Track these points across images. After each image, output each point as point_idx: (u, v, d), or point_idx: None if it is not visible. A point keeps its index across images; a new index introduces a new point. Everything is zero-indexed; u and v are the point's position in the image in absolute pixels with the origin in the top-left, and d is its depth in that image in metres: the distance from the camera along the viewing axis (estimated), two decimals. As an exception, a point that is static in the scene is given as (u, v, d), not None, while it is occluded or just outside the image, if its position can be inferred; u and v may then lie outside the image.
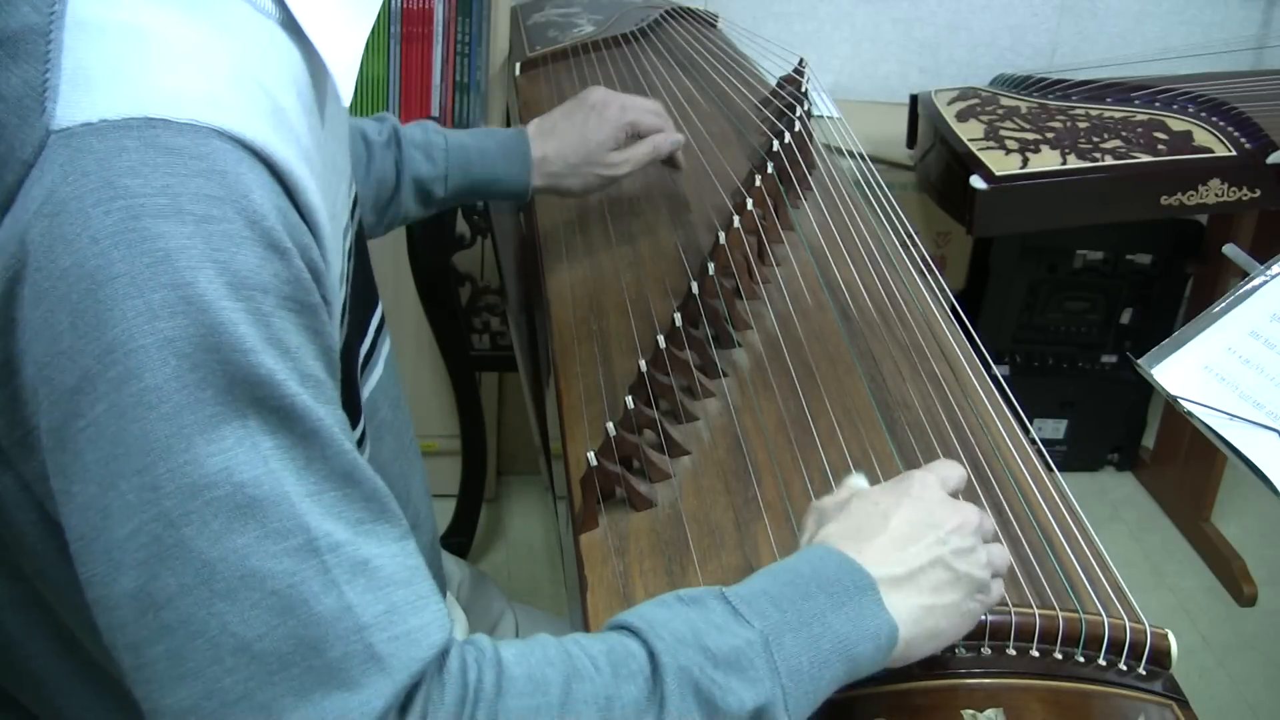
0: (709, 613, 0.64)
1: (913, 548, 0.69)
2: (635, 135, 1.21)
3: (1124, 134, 1.86)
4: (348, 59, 0.66)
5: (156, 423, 0.52)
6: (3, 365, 0.54)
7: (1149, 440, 2.47)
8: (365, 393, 0.86)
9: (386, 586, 0.56)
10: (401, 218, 1.15)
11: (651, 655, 0.61)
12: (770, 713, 0.62)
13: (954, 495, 0.75)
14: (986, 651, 0.75)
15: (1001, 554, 0.75)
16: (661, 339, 0.99)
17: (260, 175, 0.56)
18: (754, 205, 1.14)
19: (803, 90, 1.43)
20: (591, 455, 0.89)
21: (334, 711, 0.54)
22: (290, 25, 0.63)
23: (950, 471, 0.76)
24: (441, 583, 1.06)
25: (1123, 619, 0.77)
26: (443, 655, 0.58)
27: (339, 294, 0.70)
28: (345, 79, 0.66)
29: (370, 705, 0.55)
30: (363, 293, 0.85)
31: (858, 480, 0.77)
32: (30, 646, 0.68)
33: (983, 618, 0.74)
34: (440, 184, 1.14)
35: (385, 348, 0.92)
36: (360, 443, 0.82)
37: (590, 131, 1.18)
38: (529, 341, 1.34)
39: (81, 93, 0.53)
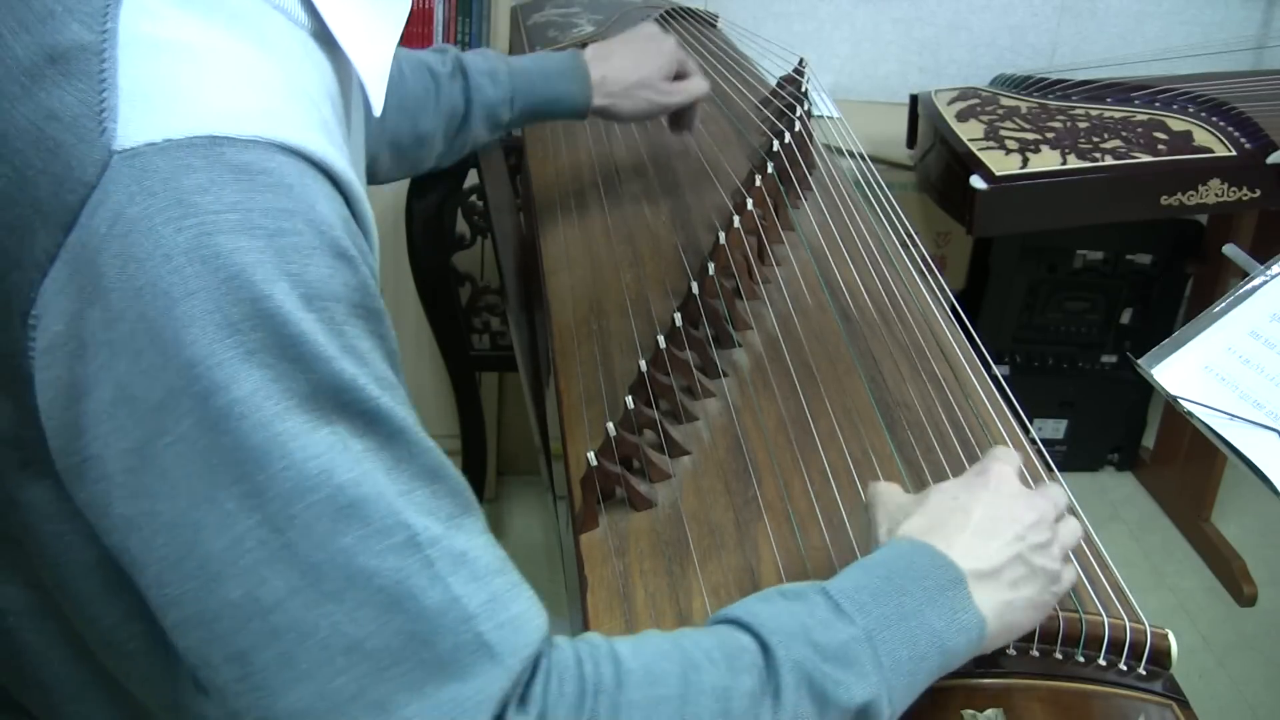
0: (812, 608, 0.65)
1: (994, 542, 0.71)
2: (680, 75, 1.27)
3: (1124, 134, 1.86)
4: (379, 68, 0.66)
5: (249, 432, 0.52)
6: (70, 388, 0.54)
7: (1149, 440, 2.47)
8: None
9: (485, 576, 0.57)
10: (470, 144, 1.20)
11: (764, 648, 0.62)
12: (876, 707, 0.63)
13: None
14: (987, 651, 0.75)
15: (1072, 531, 0.76)
16: (661, 339, 0.99)
17: (323, 186, 0.56)
18: (754, 205, 1.14)
19: (803, 90, 1.43)
20: (591, 455, 0.89)
21: (449, 702, 0.55)
22: (321, 36, 0.64)
23: (1016, 462, 0.78)
24: None
25: (1123, 619, 0.77)
26: (547, 644, 0.59)
27: None
28: (377, 88, 0.67)
29: (485, 693, 0.55)
30: None
31: (883, 486, 0.79)
32: (44, 654, 0.68)
33: None
34: (506, 106, 1.19)
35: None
36: None
37: (648, 58, 1.24)
38: (529, 341, 1.34)
39: (142, 112, 0.53)
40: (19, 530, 0.62)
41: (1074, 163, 1.80)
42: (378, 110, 0.67)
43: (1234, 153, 1.81)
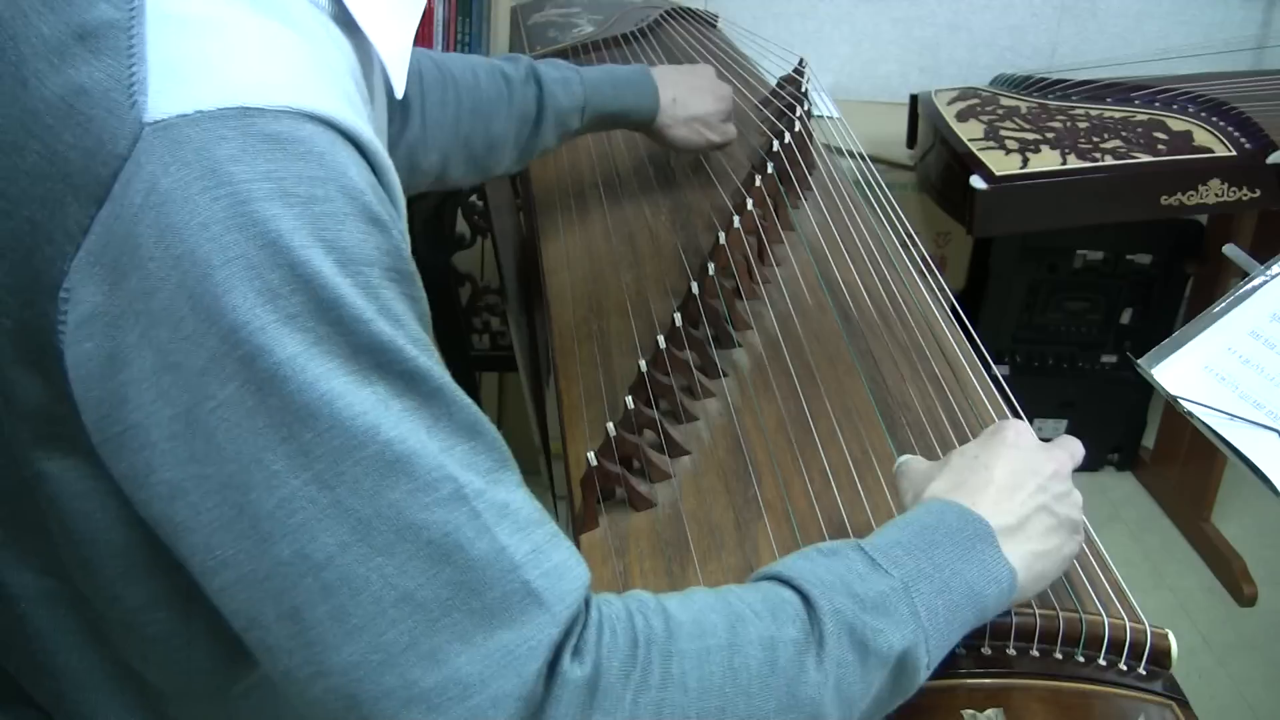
0: (850, 562, 0.67)
1: (1019, 495, 0.74)
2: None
3: (1124, 134, 1.86)
4: (400, 51, 0.68)
5: (294, 393, 0.53)
6: (110, 358, 0.55)
7: (1149, 440, 2.47)
8: None
9: (527, 526, 0.59)
10: (540, 150, 1.22)
11: (806, 600, 0.64)
12: (914, 654, 0.65)
13: None
14: (986, 651, 0.75)
15: (1075, 447, 0.80)
16: (661, 339, 0.99)
17: (352, 154, 0.57)
18: (754, 205, 1.14)
19: (803, 90, 1.43)
20: (591, 455, 0.89)
21: (500, 649, 0.56)
22: (342, 19, 0.65)
23: (1027, 426, 0.80)
24: None
25: (1123, 619, 0.77)
26: (597, 597, 0.61)
27: None
28: (398, 71, 0.68)
29: (535, 639, 0.56)
30: None
31: (908, 458, 0.82)
32: (56, 642, 0.69)
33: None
34: (577, 115, 1.21)
35: None
36: None
37: (713, 98, 1.30)
38: (529, 341, 1.34)
39: (172, 85, 0.54)
40: (42, 509, 0.62)
41: (1074, 163, 1.80)
42: (399, 92, 0.69)
43: (1234, 153, 1.81)
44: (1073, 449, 0.80)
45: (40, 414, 0.59)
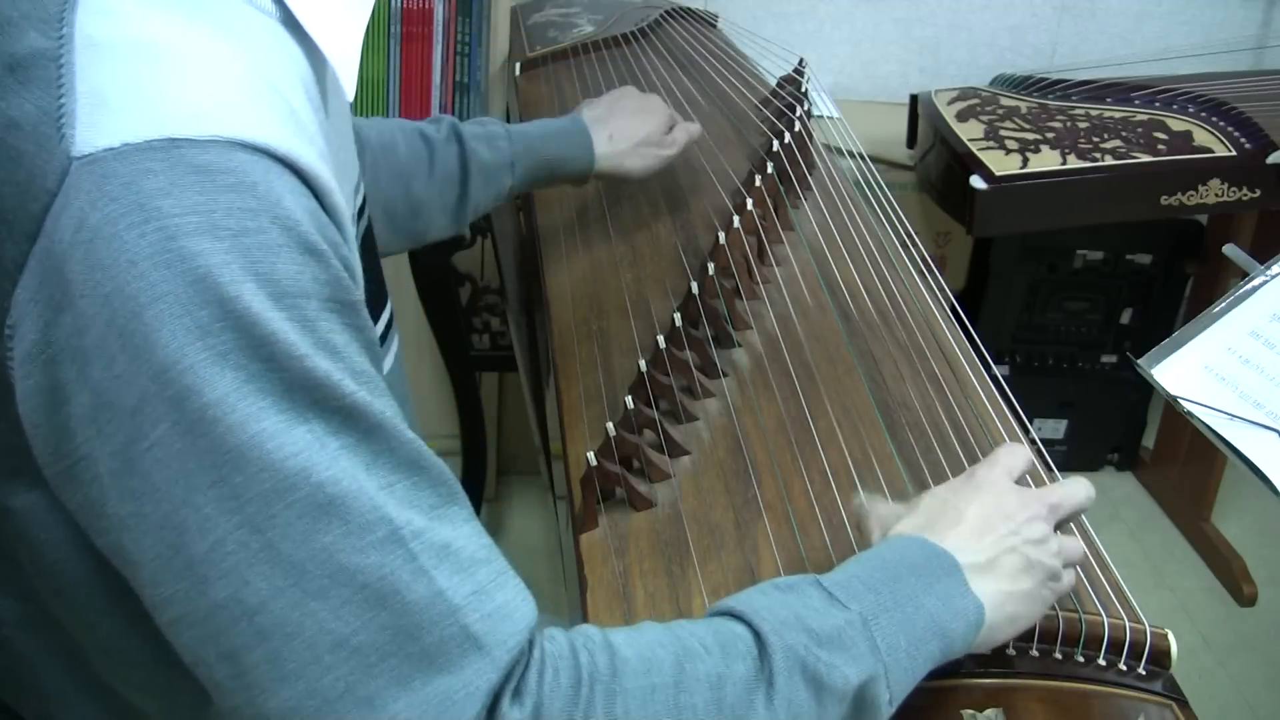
0: (806, 598, 0.66)
1: (989, 537, 0.72)
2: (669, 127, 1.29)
3: (1124, 134, 1.86)
4: (348, 52, 0.66)
5: (224, 434, 0.52)
6: (52, 393, 0.54)
7: (1149, 440, 2.47)
8: None
9: (469, 566, 0.57)
10: (472, 210, 1.18)
11: (757, 635, 0.63)
12: (873, 688, 0.64)
13: (1021, 481, 0.78)
14: (986, 651, 0.75)
15: (1074, 545, 0.77)
16: (661, 339, 0.99)
17: (288, 180, 0.56)
18: (754, 205, 1.14)
19: (803, 90, 1.43)
20: (591, 455, 0.89)
21: (437, 696, 0.55)
22: (289, 22, 0.63)
23: (1015, 460, 0.78)
24: None
25: (1122, 619, 0.77)
26: (541, 635, 0.59)
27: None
28: (347, 72, 0.66)
29: (474, 684, 0.56)
30: (373, 294, 0.85)
31: (868, 500, 0.79)
32: (39, 664, 0.68)
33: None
34: (508, 171, 1.17)
35: (394, 345, 0.92)
36: None
37: (646, 117, 1.25)
38: (529, 341, 1.34)
39: (100, 117, 0.53)
40: (12, 540, 0.62)
41: (1074, 163, 1.80)
42: (350, 93, 0.67)
43: (1234, 153, 1.81)
44: (1051, 498, 0.75)
45: (1, 448, 0.58)
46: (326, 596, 0.54)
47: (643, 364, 0.96)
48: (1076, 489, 0.77)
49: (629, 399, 0.93)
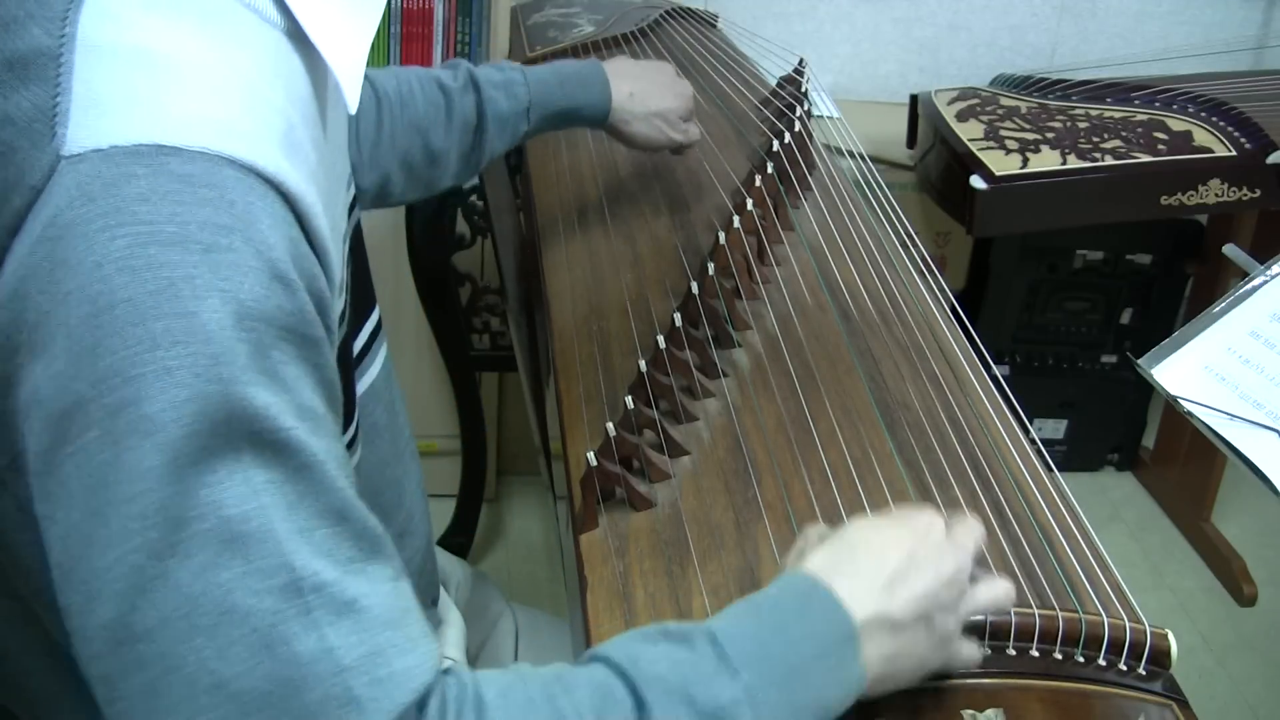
0: (697, 656, 0.63)
1: (902, 594, 0.67)
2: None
3: (1124, 134, 1.86)
4: (354, 66, 0.66)
5: (149, 452, 0.51)
6: (3, 382, 0.54)
7: (1149, 440, 2.47)
8: (359, 389, 0.86)
9: (372, 628, 0.56)
10: (488, 156, 1.18)
11: (639, 706, 0.60)
12: None
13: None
14: (986, 651, 0.75)
15: (998, 590, 0.73)
16: (661, 339, 0.99)
17: (271, 204, 0.55)
18: (754, 205, 1.14)
19: (803, 90, 1.43)
20: (591, 455, 0.89)
21: None
22: (294, 34, 0.63)
23: (968, 538, 0.73)
24: (436, 589, 1.06)
25: (1122, 619, 0.77)
26: (425, 697, 0.57)
27: (339, 304, 0.69)
28: (352, 86, 0.66)
29: None
30: (360, 297, 0.85)
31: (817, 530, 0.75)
32: (26, 662, 0.68)
33: (983, 618, 0.74)
34: (523, 117, 1.17)
35: (381, 352, 0.92)
36: (352, 444, 0.82)
37: (672, 94, 1.25)
38: (529, 341, 1.34)
39: (92, 118, 0.53)
40: None
41: (1074, 163, 1.80)
42: (353, 108, 0.67)
43: (1234, 153, 1.81)
44: (969, 541, 0.72)
45: None
46: (214, 634, 0.52)
47: (643, 364, 0.96)
48: (998, 588, 0.73)
49: (629, 399, 0.93)
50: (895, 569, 0.68)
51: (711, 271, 1.05)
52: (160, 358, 0.51)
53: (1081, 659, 0.76)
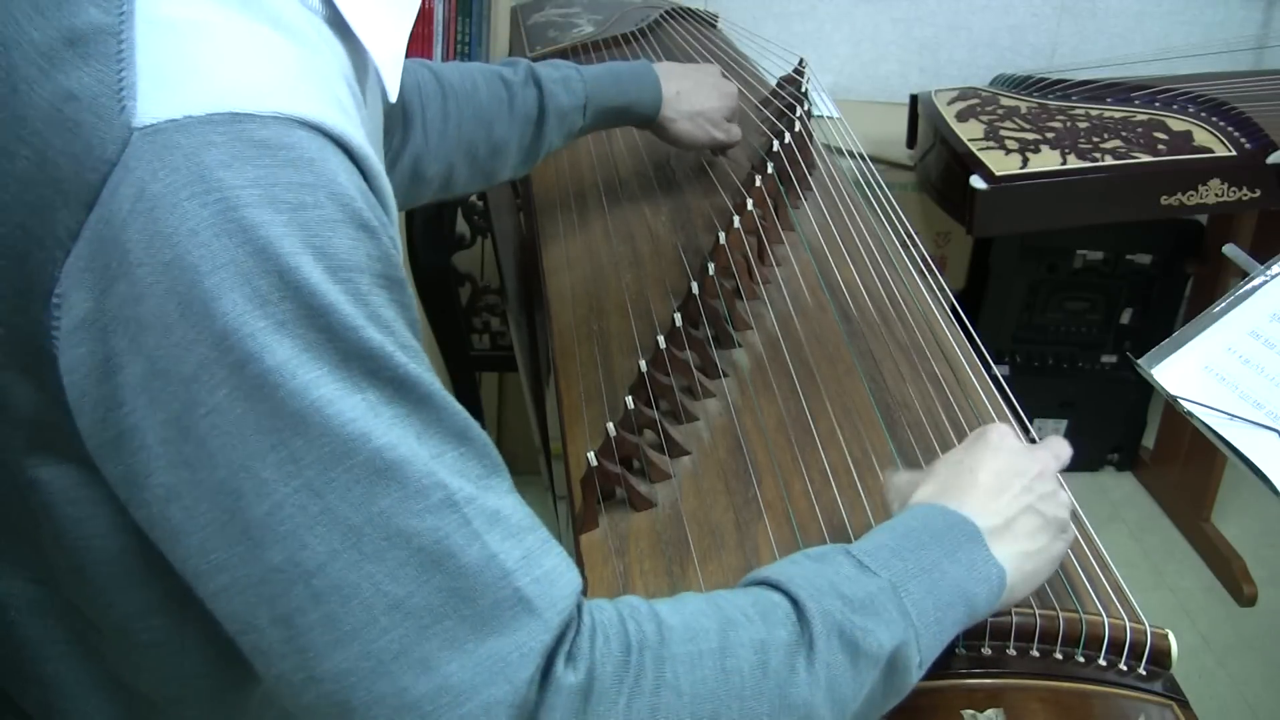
0: (838, 566, 0.68)
1: (1004, 496, 0.74)
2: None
3: (1124, 134, 1.86)
4: (393, 54, 0.68)
5: (284, 400, 0.53)
6: (103, 363, 0.55)
7: (1149, 440, 2.47)
8: None
9: (518, 533, 0.59)
10: (545, 149, 1.22)
11: (795, 603, 0.65)
12: (905, 652, 0.66)
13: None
14: (986, 651, 0.75)
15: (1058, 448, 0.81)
16: (661, 339, 0.99)
17: (341, 159, 0.57)
18: (754, 205, 1.14)
19: (803, 90, 1.43)
20: (591, 455, 0.89)
21: (491, 657, 0.56)
22: (335, 22, 0.64)
23: (1008, 431, 0.80)
24: None
25: (1123, 619, 0.77)
26: (581, 599, 0.61)
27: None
28: (391, 74, 0.68)
29: (527, 646, 0.57)
30: None
31: (892, 472, 0.83)
32: (45, 650, 0.68)
33: (984, 618, 0.75)
34: (580, 113, 1.21)
35: None
36: None
37: (718, 95, 1.30)
38: (529, 341, 1.34)
39: (162, 90, 0.54)
40: (35, 517, 0.62)
41: (1074, 163, 1.80)
42: (393, 95, 0.68)
43: (1234, 153, 1.81)
44: (1058, 450, 0.80)
45: (33, 420, 0.58)
46: (383, 559, 0.55)
47: (643, 364, 0.96)
48: (1062, 444, 0.81)
49: (629, 399, 0.93)
50: (988, 484, 0.75)
51: (712, 271, 1.05)
52: (272, 312, 0.53)
53: (1082, 659, 0.76)
